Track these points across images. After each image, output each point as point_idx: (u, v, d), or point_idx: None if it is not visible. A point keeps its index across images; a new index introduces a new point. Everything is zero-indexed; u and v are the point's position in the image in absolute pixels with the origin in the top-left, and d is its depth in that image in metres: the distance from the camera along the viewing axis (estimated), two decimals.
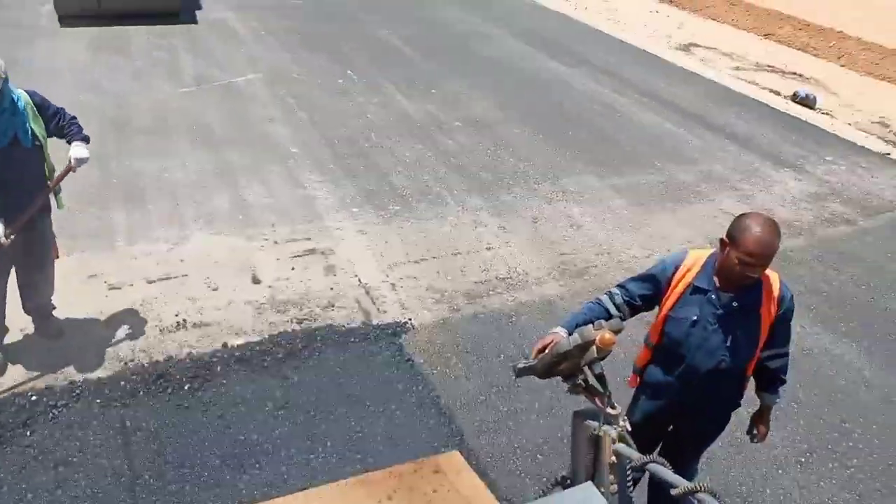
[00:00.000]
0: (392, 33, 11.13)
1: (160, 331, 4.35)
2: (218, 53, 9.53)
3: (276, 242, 5.39)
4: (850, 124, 9.34)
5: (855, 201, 7.05)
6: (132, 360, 4.09)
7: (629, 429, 2.38)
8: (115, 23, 10.15)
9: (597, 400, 2.39)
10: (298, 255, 5.25)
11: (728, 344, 2.68)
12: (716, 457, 3.78)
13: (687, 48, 12.37)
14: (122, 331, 4.33)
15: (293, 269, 5.08)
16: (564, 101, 8.98)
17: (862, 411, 4.34)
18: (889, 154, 8.38)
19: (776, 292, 2.69)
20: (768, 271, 2.68)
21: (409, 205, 6.13)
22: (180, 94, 8.06)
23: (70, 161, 3.66)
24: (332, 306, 4.72)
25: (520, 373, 2.65)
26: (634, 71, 10.47)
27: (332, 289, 4.90)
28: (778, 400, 3.01)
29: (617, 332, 2.39)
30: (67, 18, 10.10)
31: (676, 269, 2.78)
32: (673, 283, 2.76)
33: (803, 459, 3.95)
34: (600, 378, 2.40)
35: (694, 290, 2.70)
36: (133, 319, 4.43)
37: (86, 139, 3.75)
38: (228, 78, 8.68)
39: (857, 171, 7.79)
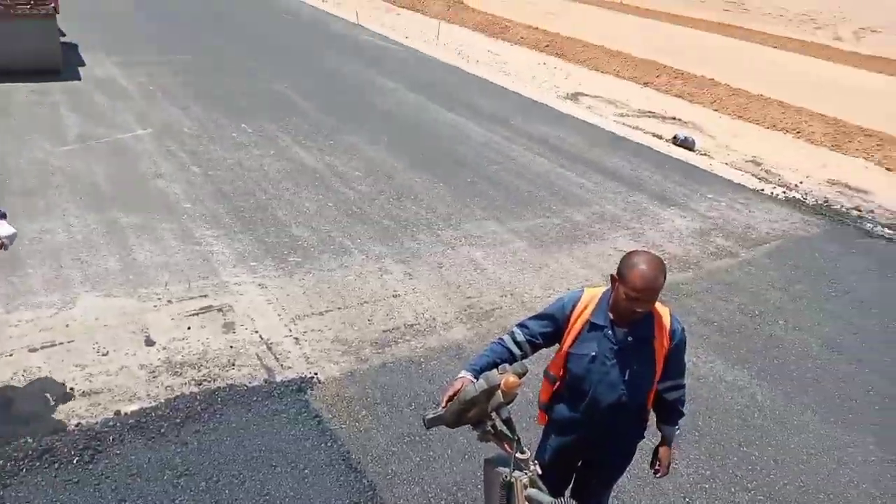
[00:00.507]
0: (287, 87, 11.11)
1: (44, 402, 4.01)
2: (104, 110, 9.17)
3: (170, 301, 5.14)
4: (726, 164, 10.06)
5: (736, 235, 7.54)
6: (12, 436, 3.73)
7: (539, 472, 2.39)
8: None
9: (506, 445, 2.39)
10: (194, 314, 5.02)
11: (626, 378, 2.76)
12: (625, 490, 3.85)
13: (574, 97, 13.04)
14: (1, 405, 3.96)
15: (189, 328, 4.85)
16: (461, 149, 9.21)
17: (757, 434, 4.55)
18: (763, 190, 9.06)
19: (667, 325, 2.79)
20: (659, 306, 2.80)
21: (312, 256, 6.03)
22: (63, 152, 7.67)
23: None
24: (233, 365, 4.52)
25: (430, 423, 2.62)
26: (526, 119, 10.91)
27: (231, 347, 4.70)
28: (678, 432, 3.10)
29: (521, 375, 2.42)
30: None
31: (574, 306, 2.85)
32: (571, 321, 2.83)
33: (707, 486, 4.08)
34: (508, 423, 2.41)
35: (591, 326, 2.78)
36: (13, 392, 4.07)
37: (3, 214, 3.60)
38: (115, 135, 8.35)
39: (736, 206, 8.36)
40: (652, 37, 20.19)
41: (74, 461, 3.63)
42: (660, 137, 10.91)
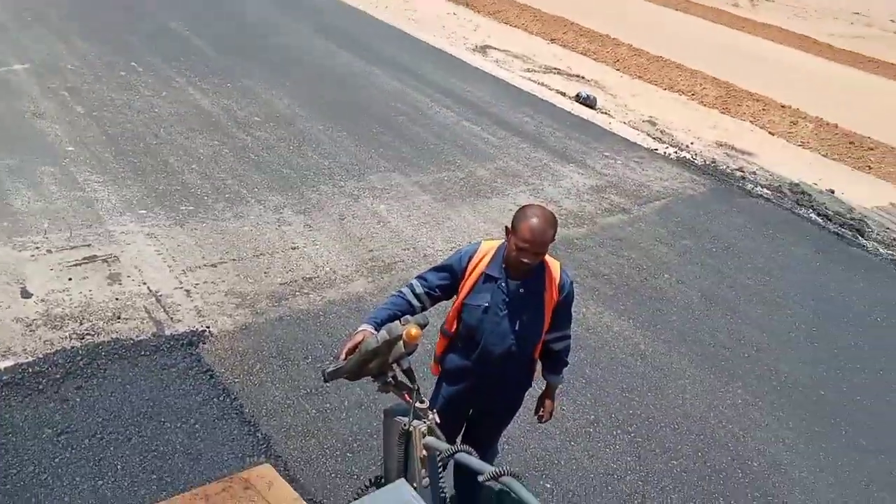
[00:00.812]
0: (183, 25, 10.46)
1: None
2: None
3: (49, 251, 4.83)
4: (624, 123, 10.38)
5: (629, 192, 7.85)
6: None
7: (438, 421, 2.44)
8: None
9: (405, 395, 2.42)
10: (77, 264, 4.75)
11: (516, 328, 2.87)
12: (514, 436, 4.02)
13: (483, 50, 13.00)
14: None
15: (70, 279, 4.59)
16: (367, 98, 9.03)
17: (639, 381, 4.84)
18: (657, 150, 9.43)
19: (557, 279, 2.91)
20: (551, 260, 2.92)
21: (205, 204, 5.81)
22: None
23: None
24: (119, 318, 4.33)
25: (329, 376, 2.61)
26: (434, 70, 10.80)
27: (117, 299, 4.49)
28: (562, 381, 3.27)
29: (423, 326, 2.44)
30: None
31: (470, 258, 2.91)
32: (468, 272, 2.90)
33: (591, 430, 4.33)
34: (408, 373, 2.44)
35: (486, 278, 2.86)
36: None
37: None
38: None
39: (631, 164, 8.68)
40: None
41: None
42: (564, 94, 11.09)
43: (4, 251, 4.76)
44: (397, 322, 2.44)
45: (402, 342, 2.37)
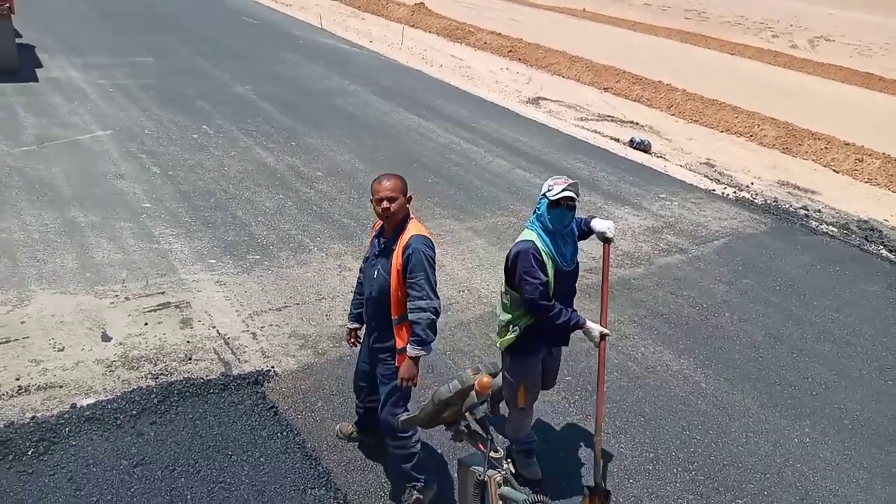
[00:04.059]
0: (250, 89, 11.13)
1: None
2: (61, 111, 9.11)
3: (127, 298, 5.17)
4: (680, 165, 10.36)
5: (687, 232, 7.79)
6: None
7: (513, 471, 2.48)
8: None
9: (480, 445, 2.46)
10: (152, 310, 5.06)
11: (374, 276, 3.42)
12: (572, 473, 4.00)
13: (535, 101, 13.28)
14: None
15: (146, 324, 4.89)
16: (423, 150, 9.35)
17: (700, 419, 4.75)
18: (714, 190, 9.35)
19: (404, 242, 3.29)
20: (413, 229, 3.34)
21: (271, 253, 6.10)
22: (19, 153, 7.61)
23: None
24: (190, 359, 4.57)
25: (404, 424, 2.68)
26: (486, 122, 11.10)
27: (188, 342, 4.75)
28: (419, 352, 3.30)
29: (494, 375, 2.50)
30: None
31: (374, 225, 3.58)
32: (371, 235, 3.59)
33: (650, 467, 4.26)
34: (482, 423, 2.47)
35: (376, 237, 3.50)
36: None
37: None
38: (74, 136, 8.30)
39: (688, 205, 8.63)
40: (613, 43, 20.61)
41: (29, 452, 3.66)
42: (617, 140, 11.18)
43: (87, 299, 5.11)
44: (469, 371, 2.50)
45: (474, 392, 2.41)
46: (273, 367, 4.62)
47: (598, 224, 3.91)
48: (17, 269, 5.37)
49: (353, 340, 3.79)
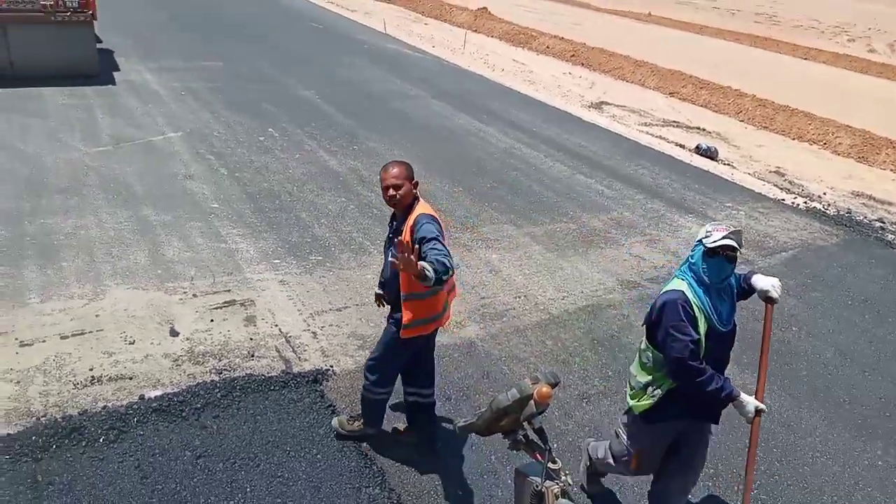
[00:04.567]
0: (314, 94, 11.38)
1: (74, 385, 4.24)
2: (136, 113, 9.51)
3: (195, 295, 5.35)
4: (749, 174, 10.06)
5: (753, 243, 7.56)
6: (44, 416, 3.96)
7: (571, 483, 2.45)
8: (30, 84, 10.02)
9: (538, 455, 2.44)
10: (218, 307, 5.23)
11: (391, 253, 3.53)
12: (627, 485, 3.93)
13: (598, 106, 13.12)
14: (34, 387, 4.19)
15: (212, 320, 5.05)
16: (482, 155, 9.36)
17: (763, 435, 4.55)
18: (784, 200, 9.05)
19: (412, 221, 3.44)
20: (420, 209, 3.50)
21: (332, 255, 6.22)
22: (96, 153, 7.98)
23: None
24: (252, 356, 4.71)
25: (461, 431, 2.69)
26: (548, 127, 11.03)
27: (251, 339, 4.89)
28: (428, 272, 3.07)
29: (554, 385, 2.47)
30: None
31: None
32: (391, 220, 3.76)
33: (710, 483, 4.15)
34: (540, 432, 2.45)
35: (390, 219, 3.74)
36: (45, 375, 4.31)
37: None
38: (147, 137, 8.66)
39: (755, 215, 8.37)
40: (679, 47, 20.19)
41: (100, 440, 3.84)
42: (683, 147, 10.94)
43: (157, 295, 5.32)
44: (527, 380, 2.48)
45: (533, 401, 2.39)
46: (332, 367, 4.71)
47: (760, 281, 3.49)
48: (93, 264, 5.63)
49: (378, 303, 4.01)
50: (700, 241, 3.25)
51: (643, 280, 6.45)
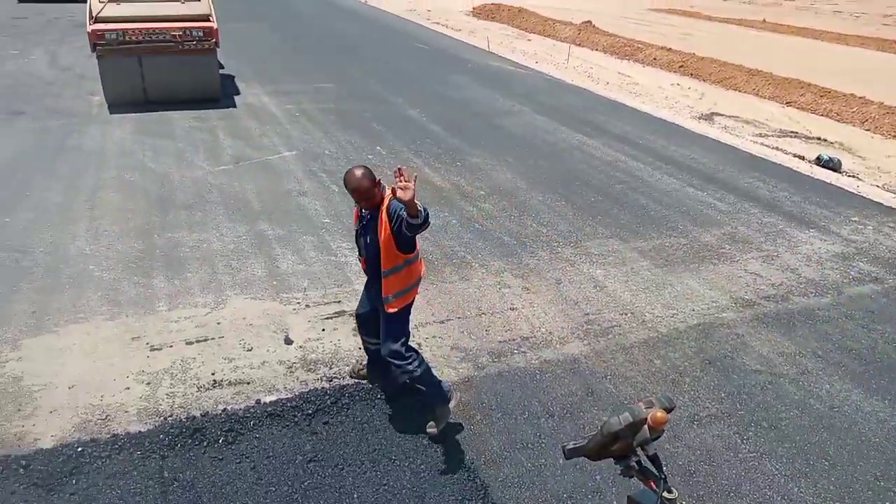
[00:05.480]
0: (420, 113, 11.64)
1: (197, 388, 4.53)
2: (255, 134, 10.08)
3: (307, 306, 5.59)
4: (877, 186, 9.38)
5: (883, 260, 7.03)
6: (171, 416, 4.25)
7: None
8: (160, 108, 10.85)
9: (652, 484, 2.34)
10: (329, 318, 5.43)
11: (368, 243, 4.00)
12: None
13: (709, 117, 12.65)
14: (162, 389, 4.52)
15: (324, 330, 5.26)
16: (586, 169, 9.24)
17: None
18: None
19: (386, 208, 3.83)
20: (387, 197, 3.83)
21: (435, 268, 6.32)
22: (218, 171, 8.51)
23: None
24: (361, 365, 4.84)
25: (569, 454, 2.62)
26: (655, 139, 10.75)
27: (360, 348, 5.02)
28: (417, 206, 3.53)
29: (669, 410, 2.36)
30: (116, 106, 10.84)
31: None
32: (354, 212, 4.17)
33: None
34: (654, 459, 2.33)
35: (360, 211, 4.07)
36: (172, 378, 4.63)
37: None
38: (264, 156, 9.15)
39: (885, 230, 7.78)
40: (796, 55, 19.17)
41: (220, 441, 4.07)
42: (802, 158, 10.36)
43: (273, 305, 5.60)
44: (641, 404, 2.38)
45: (647, 426, 2.30)
46: None
47: None
48: (215, 275, 6.00)
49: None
50: None
51: (760, 299, 6.13)
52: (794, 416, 4.63)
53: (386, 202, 3.87)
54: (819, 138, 11.63)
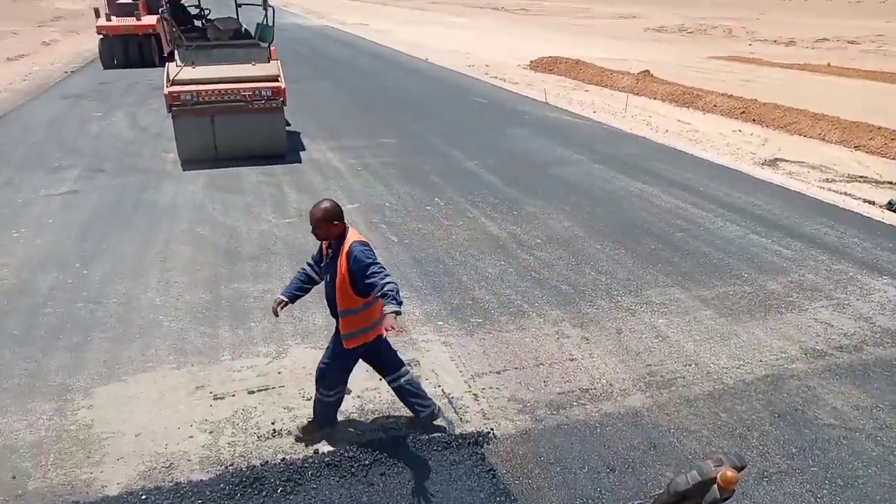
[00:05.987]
0: (477, 164, 11.81)
1: (257, 437, 4.61)
2: (318, 188, 10.41)
3: None
4: None
5: None
6: (231, 465, 4.34)
7: None
8: (230, 164, 11.36)
9: None
10: None
11: (327, 279, 4.24)
12: None
13: (773, 163, 12.39)
14: (224, 437, 4.62)
15: (380, 379, 5.28)
16: (645, 216, 9.14)
17: None
18: None
19: (346, 250, 4.02)
20: (351, 238, 4.06)
21: (492, 317, 6.32)
22: (284, 224, 8.81)
23: None
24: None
25: None
26: (716, 186, 10.57)
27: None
28: (396, 307, 3.80)
29: (740, 469, 2.26)
30: (189, 163, 11.41)
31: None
32: (323, 247, 4.35)
33: None
34: None
35: (328, 247, 4.24)
36: (233, 427, 4.73)
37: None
38: None
39: None
40: (864, 98, 18.65)
41: (279, 490, 4.12)
42: (872, 203, 9.99)
43: None
44: (709, 462, 2.29)
45: (716, 486, 2.21)
46: (492, 430, 4.73)
47: None
48: (277, 325, 6.15)
49: (277, 309, 4.44)
50: None
51: (831, 349, 5.87)
52: (873, 474, 4.37)
53: (347, 241, 4.05)
54: (890, 182, 11.21)
